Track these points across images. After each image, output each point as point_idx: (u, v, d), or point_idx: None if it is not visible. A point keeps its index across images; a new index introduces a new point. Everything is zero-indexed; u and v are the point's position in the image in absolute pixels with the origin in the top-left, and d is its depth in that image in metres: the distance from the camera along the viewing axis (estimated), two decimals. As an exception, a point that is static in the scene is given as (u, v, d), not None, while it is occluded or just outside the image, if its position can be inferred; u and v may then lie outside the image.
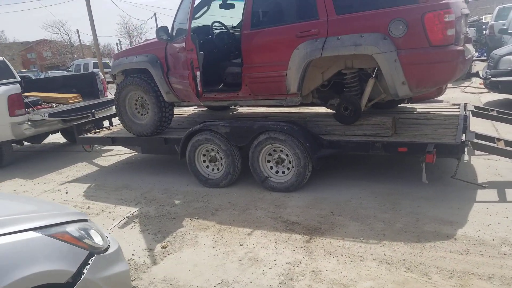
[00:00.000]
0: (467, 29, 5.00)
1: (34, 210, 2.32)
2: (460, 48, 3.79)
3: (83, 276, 2.05)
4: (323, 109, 5.40)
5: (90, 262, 2.12)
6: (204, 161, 5.12)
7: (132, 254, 3.58)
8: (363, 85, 4.53)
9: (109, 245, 2.34)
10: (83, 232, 2.21)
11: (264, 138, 4.57)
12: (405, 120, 5.01)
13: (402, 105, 5.73)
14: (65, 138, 9.03)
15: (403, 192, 4.27)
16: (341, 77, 4.56)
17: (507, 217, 3.53)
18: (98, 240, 2.27)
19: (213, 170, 5.09)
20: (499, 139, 4.36)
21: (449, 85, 8.72)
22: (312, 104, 5.10)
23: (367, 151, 4.34)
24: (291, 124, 4.53)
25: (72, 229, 2.17)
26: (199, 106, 6.22)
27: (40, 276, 1.89)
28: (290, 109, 6.04)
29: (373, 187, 4.49)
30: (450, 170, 4.33)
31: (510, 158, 4.40)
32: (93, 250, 2.19)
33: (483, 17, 20.18)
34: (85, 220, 2.36)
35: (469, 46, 4.54)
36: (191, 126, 5.11)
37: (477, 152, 5.03)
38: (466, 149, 4.36)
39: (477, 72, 7.18)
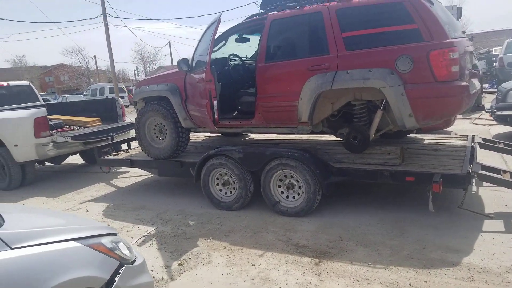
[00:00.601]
0: (476, 62, 5.23)
1: (69, 223, 2.56)
2: (464, 83, 4.00)
3: (114, 283, 2.27)
4: (333, 138, 5.61)
5: (120, 271, 2.34)
6: (218, 184, 5.33)
7: (151, 270, 3.76)
8: (372, 116, 4.73)
9: (135, 258, 2.55)
10: (114, 244, 2.43)
11: (276, 164, 4.78)
12: (413, 150, 5.18)
13: (410, 135, 5.91)
14: (83, 159, 9.35)
15: (411, 220, 4.40)
16: (350, 107, 4.78)
17: (512, 247, 3.65)
18: (126, 252, 2.49)
19: (226, 193, 5.29)
20: (505, 171, 4.50)
21: (458, 116, 8.87)
22: (322, 133, 5.31)
23: (375, 179, 4.51)
24: (302, 151, 4.74)
25: (106, 241, 2.41)
26: (213, 132, 6.49)
27: (80, 281, 2.12)
28: (301, 137, 6.26)
29: (381, 214, 4.63)
30: (458, 200, 4.46)
31: (514, 189, 4.52)
32: (123, 261, 2.41)
33: (493, 49, 20.41)
34: (115, 234, 2.58)
35: (475, 81, 4.74)
36: (206, 151, 5.36)
37: (485, 183, 5.15)
38: (474, 180, 4.51)
39: (483, 106, 7.34)
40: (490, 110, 7.67)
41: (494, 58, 16.01)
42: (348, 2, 4.44)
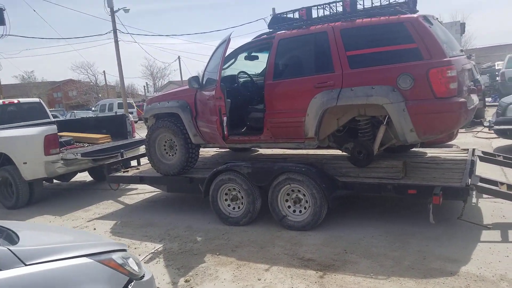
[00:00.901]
0: (478, 77, 5.40)
1: (80, 239, 2.70)
2: (462, 99, 4.17)
3: None
4: (338, 152, 5.76)
5: (129, 287, 2.46)
6: (226, 200, 5.47)
7: (158, 287, 3.86)
8: (376, 131, 4.90)
9: (144, 274, 2.68)
10: (124, 260, 2.57)
11: (283, 178, 4.93)
12: (416, 163, 5.32)
13: (414, 149, 6.05)
14: (91, 177, 9.47)
15: (413, 232, 4.53)
16: (355, 123, 4.95)
17: (507, 256, 3.78)
18: (135, 268, 2.62)
19: (234, 208, 5.42)
20: (502, 183, 4.63)
21: (461, 130, 9.00)
22: (328, 147, 5.47)
23: (379, 192, 4.65)
24: (309, 166, 4.89)
25: (116, 256, 2.54)
26: (222, 147, 6.65)
27: None
28: (307, 152, 6.41)
29: (384, 226, 4.76)
30: (458, 212, 4.57)
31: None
32: (132, 277, 2.53)
33: (496, 63, 20.59)
34: (125, 250, 2.71)
35: (474, 97, 4.91)
36: (215, 166, 5.52)
37: (485, 195, 5.26)
38: (474, 193, 4.62)
39: (481, 121, 7.51)
40: (488, 124, 7.80)
41: (496, 73, 16.16)
42: (352, 22, 4.65)
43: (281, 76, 5.10)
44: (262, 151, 7.11)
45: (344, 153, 5.49)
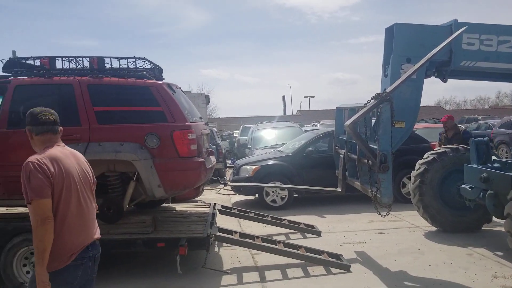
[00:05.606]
0: (220, 142, 6.22)
1: None
2: (201, 159, 4.76)
3: None
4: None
5: None
6: None
7: None
8: (126, 187, 4.97)
9: None
10: None
11: (20, 240, 4.41)
12: (165, 218, 5.63)
13: (165, 204, 6.37)
14: None
15: (164, 284, 4.72)
16: (104, 178, 4.91)
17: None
18: None
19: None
20: (236, 232, 5.41)
21: (207, 187, 10.01)
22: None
23: (129, 248, 4.68)
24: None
25: None
26: None
27: None
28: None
29: (134, 282, 4.78)
30: (202, 261, 4.95)
31: (243, 247, 5.44)
32: None
33: (234, 132, 24.37)
34: None
35: (212, 158, 5.65)
36: None
37: (225, 244, 5.93)
38: (216, 242, 5.17)
39: (218, 178, 8.70)
40: (223, 181, 9.04)
41: (234, 139, 19.17)
42: (100, 79, 4.75)
43: (16, 126, 4.58)
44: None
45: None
